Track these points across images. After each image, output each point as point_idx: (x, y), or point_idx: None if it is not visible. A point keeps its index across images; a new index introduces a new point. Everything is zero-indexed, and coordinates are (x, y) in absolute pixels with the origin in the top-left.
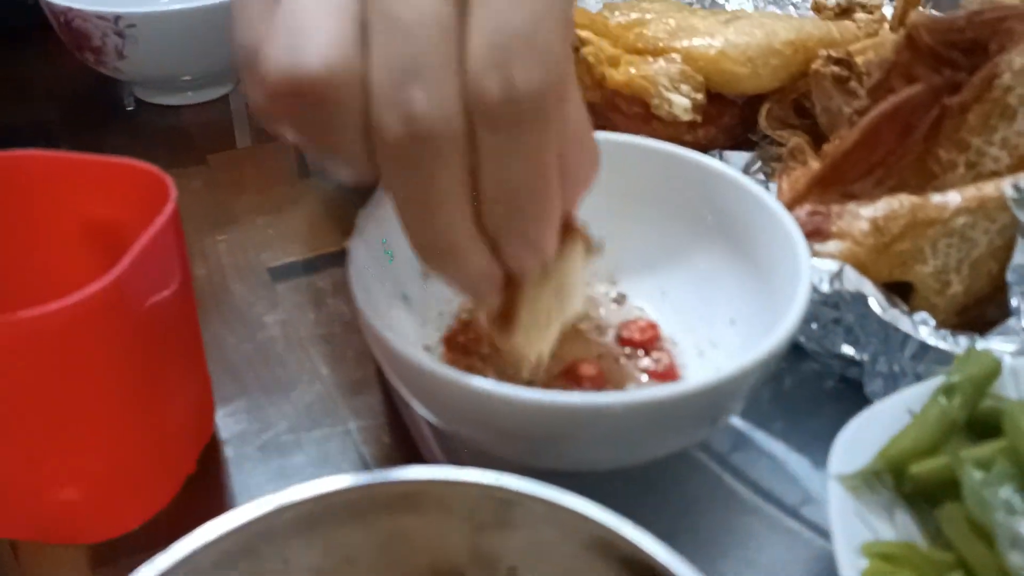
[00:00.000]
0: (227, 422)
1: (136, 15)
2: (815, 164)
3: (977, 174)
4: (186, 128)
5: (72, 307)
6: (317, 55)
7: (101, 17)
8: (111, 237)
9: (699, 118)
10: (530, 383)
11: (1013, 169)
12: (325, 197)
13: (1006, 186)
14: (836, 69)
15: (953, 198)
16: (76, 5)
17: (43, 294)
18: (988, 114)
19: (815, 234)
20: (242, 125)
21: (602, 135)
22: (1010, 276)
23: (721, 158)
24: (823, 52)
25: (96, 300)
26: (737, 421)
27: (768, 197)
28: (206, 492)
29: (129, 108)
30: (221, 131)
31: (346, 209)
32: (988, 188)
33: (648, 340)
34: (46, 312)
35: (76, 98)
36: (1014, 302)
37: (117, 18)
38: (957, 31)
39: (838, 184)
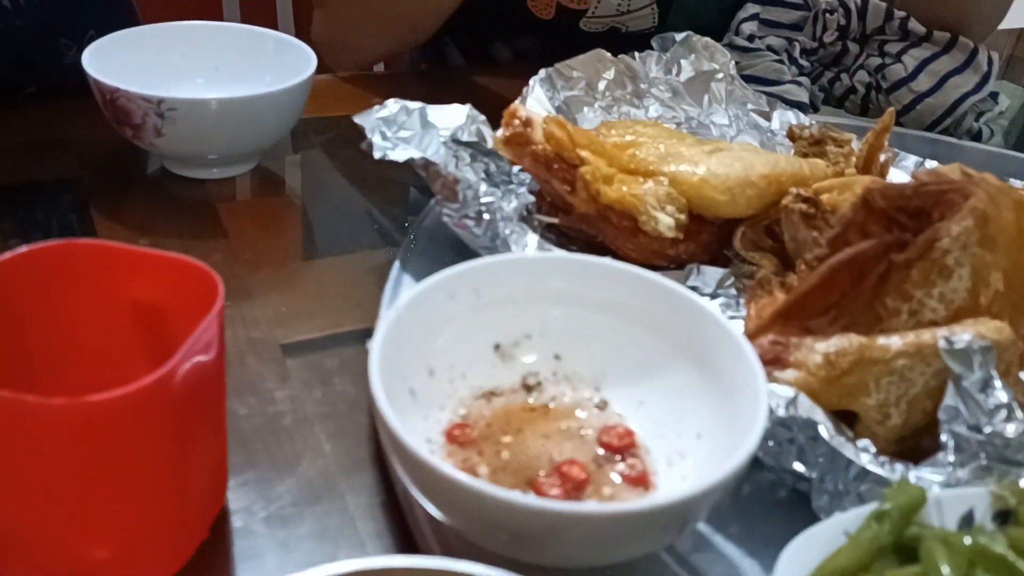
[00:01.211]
0: (237, 492)
1: (178, 100)
2: (780, 295)
3: (917, 322)
4: (209, 201)
5: (131, 393)
6: None
7: (146, 99)
8: (157, 320)
9: (681, 235)
10: None
11: (949, 320)
12: (337, 278)
13: (940, 338)
14: (803, 206)
15: (895, 342)
16: (123, 86)
17: (90, 370)
18: (929, 271)
19: (775, 362)
20: (262, 202)
21: (599, 261)
22: (942, 414)
23: (699, 272)
24: (793, 190)
25: (151, 388)
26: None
27: (734, 329)
28: (216, 558)
29: (156, 177)
30: (242, 206)
31: (355, 290)
32: (926, 336)
33: (625, 446)
34: (110, 397)
35: (107, 161)
36: (944, 438)
37: (160, 101)
38: (906, 198)
39: (798, 319)
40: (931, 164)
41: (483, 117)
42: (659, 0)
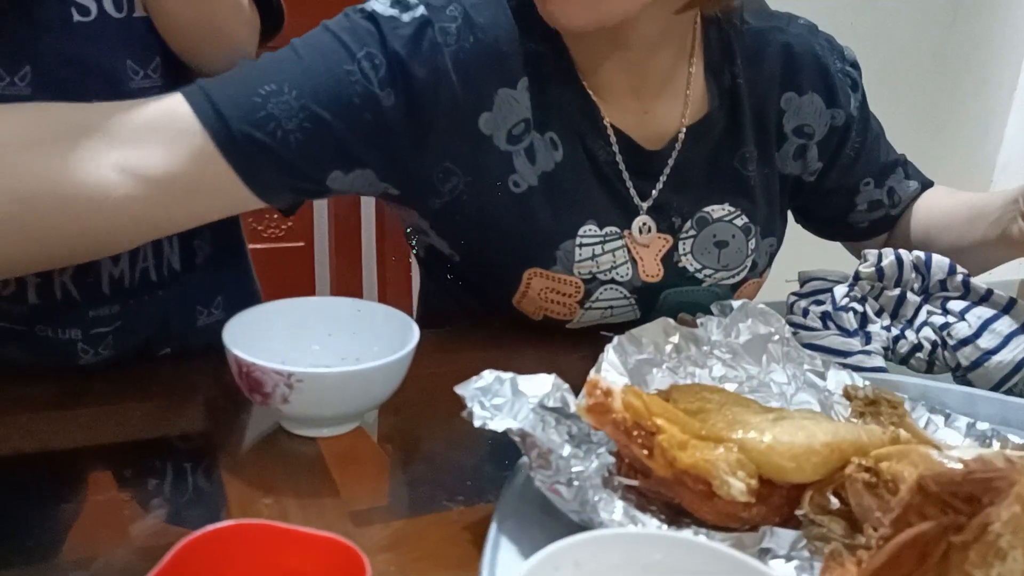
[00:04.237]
0: None
1: (304, 373)
2: (852, 567)
3: None
4: (321, 458)
5: None
6: None
7: (278, 372)
8: None
9: (753, 499)
10: None
11: None
12: (438, 535)
13: None
14: (866, 476)
15: None
16: (259, 361)
17: None
18: (985, 553)
19: None
20: (367, 457)
21: (686, 538)
22: None
23: (772, 534)
24: (855, 460)
25: None
26: None
27: None
28: None
29: (272, 434)
30: (350, 463)
31: (455, 549)
32: None
33: None
34: None
35: (230, 417)
36: None
37: (290, 375)
38: (956, 484)
39: None
40: (982, 426)
41: (567, 385)
42: (639, 301)
